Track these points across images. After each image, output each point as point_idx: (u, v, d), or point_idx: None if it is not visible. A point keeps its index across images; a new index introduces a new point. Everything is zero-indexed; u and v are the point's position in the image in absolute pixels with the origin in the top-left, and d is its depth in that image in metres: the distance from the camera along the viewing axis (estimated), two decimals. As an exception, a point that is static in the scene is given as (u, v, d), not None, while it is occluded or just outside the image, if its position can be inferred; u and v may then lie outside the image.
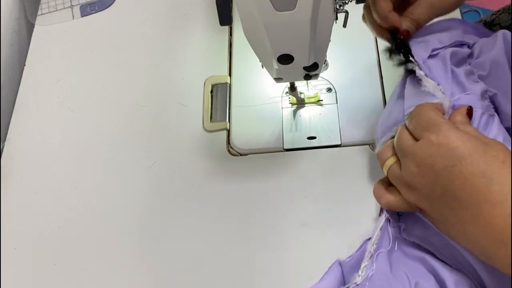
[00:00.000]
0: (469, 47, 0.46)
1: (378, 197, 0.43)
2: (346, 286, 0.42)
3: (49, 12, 0.73)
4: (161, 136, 0.61)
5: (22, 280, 0.55)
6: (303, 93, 0.59)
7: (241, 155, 0.58)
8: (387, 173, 0.42)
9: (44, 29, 0.72)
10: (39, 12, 0.74)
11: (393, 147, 0.41)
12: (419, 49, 0.43)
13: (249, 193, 0.55)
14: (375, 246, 0.43)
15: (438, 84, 0.41)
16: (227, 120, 0.60)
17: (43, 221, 0.57)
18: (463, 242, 0.36)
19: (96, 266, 0.54)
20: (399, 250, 0.43)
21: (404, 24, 0.44)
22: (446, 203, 0.35)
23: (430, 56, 0.43)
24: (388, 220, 0.44)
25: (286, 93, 0.60)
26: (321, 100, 0.59)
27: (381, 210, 0.46)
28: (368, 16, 0.47)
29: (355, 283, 0.41)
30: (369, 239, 0.44)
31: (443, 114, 0.40)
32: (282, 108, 0.59)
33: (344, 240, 0.50)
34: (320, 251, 0.50)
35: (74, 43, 0.70)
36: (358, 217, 0.51)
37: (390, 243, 0.43)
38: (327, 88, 0.60)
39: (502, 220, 0.32)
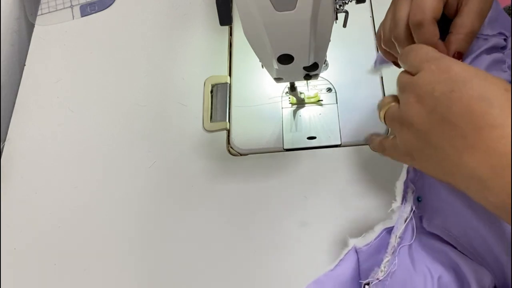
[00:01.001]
0: (505, 40, 0.45)
1: (371, 142, 0.43)
2: (367, 281, 0.40)
3: (49, 12, 0.73)
4: (161, 136, 0.61)
5: (22, 280, 0.55)
6: (303, 93, 0.59)
7: (241, 155, 0.58)
8: (384, 116, 0.40)
9: (44, 29, 0.72)
10: (39, 12, 0.74)
11: (393, 96, 0.40)
12: None
13: (249, 193, 0.55)
14: (399, 239, 0.41)
15: None
16: (227, 120, 0.60)
17: (43, 221, 0.57)
18: (458, 176, 0.33)
19: (96, 266, 0.54)
20: (419, 242, 0.42)
21: (455, 43, 0.41)
22: (442, 132, 0.33)
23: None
24: (413, 211, 0.42)
25: (286, 93, 0.60)
26: (321, 100, 0.59)
27: (403, 199, 0.43)
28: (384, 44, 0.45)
29: (377, 278, 0.40)
30: (389, 228, 0.42)
31: None
32: (282, 108, 0.59)
33: (344, 240, 0.50)
34: (320, 251, 0.50)
35: (74, 43, 0.70)
36: (358, 217, 0.51)
37: (413, 237, 0.41)
38: (327, 88, 0.60)
39: (502, 144, 0.30)
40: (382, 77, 0.59)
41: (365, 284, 0.40)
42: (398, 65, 0.46)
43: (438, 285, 0.39)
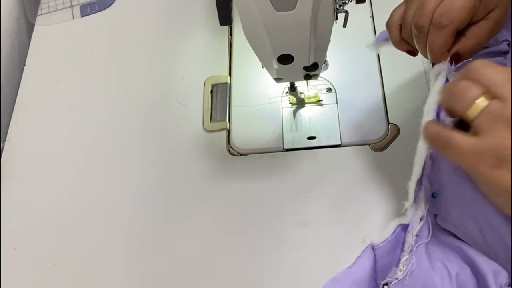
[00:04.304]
0: (508, 45, 0.45)
1: (441, 138, 0.35)
2: (387, 281, 0.39)
3: (49, 12, 0.73)
4: (161, 136, 0.61)
5: (22, 280, 0.55)
6: (303, 93, 0.59)
7: (241, 155, 0.58)
8: (478, 113, 0.34)
9: (44, 29, 0.72)
10: (39, 12, 0.74)
11: (480, 84, 0.34)
12: None
13: (249, 193, 0.55)
14: (415, 238, 0.40)
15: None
16: (227, 120, 0.60)
17: (43, 221, 0.57)
18: None
19: (96, 266, 0.54)
20: (434, 239, 0.41)
21: (461, 46, 0.40)
22: None
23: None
24: (427, 210, 0.41)
25: (286, 93, 0.60)
26: (321, 100, 0.59)
27: (416, 197, 0.42)
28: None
29: (396, 278, 0.39)
30: (403, 225, 0.41)
31: None
32: (282, 108, 0.59)
33: (344, 240, 0.50)
34: (320, 251, 0.50)
35: (74, 43, 0.70)
36: (358, 217, 0.51)
37: (429, 235, 0.40)
38: (327, 88, 0.60)
39: None
40: (382, 77, 0.59)
41: (383, 284, 0.40)
42: (413, 54, 0.45)
43: (456, 282, 0.38)
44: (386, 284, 0.39)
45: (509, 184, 0.33)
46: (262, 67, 0.48)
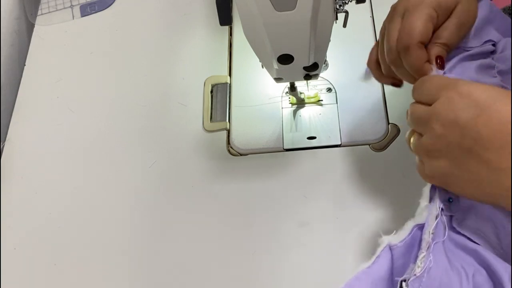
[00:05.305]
0: (494, 45, 0.45)
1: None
2: (404, 277, 0.39)
3: (49, 12, 0.73)
4: (161, 136, 0.61)
5: (22, 280, 0.55)
6: (303, 93, 0.59)
7: (241, 155, 0.58)
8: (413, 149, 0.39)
9: (44, 29, 0.72)
10: (39, 12, 0.74)
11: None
12: None
13: (249, 193, 0.55)
14: (432, 235, 0.40)
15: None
16: (227, 120, 0.60)
17: (43, 221, 0.57)
18: (499, 196, 0.34)
19: (95, 266, 0.54)
20: (451, 240, 0.42)
21: (435, 50, 0.42)
22: (477, 156, 0.33)
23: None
24: (441, 209, 0.42)
25: (286, 93, 0.60)
26: (321, 100, 0.59)
27: (431, 198, 0.43)
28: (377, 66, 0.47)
29: (414, 274, 0.39)
30: (420, 225, 0.42)
31: None
32: (282, 108, 0.59)
33: (344, 240, 0.50)
34: (320, 251, 0.50)
35: (74, 43, 0.70)
36: (358, 217, 0.51)
37: (445, 233, 0.40)
38: (327, 88, 0.60)
39: None
40: (382, 77, 0.59)
41: (402, 281, 0.40)
42: (397, 86, 0.47)
43: (473, 283, 0.38)
44: (404, 280, 0.39)
45: (460, 193, 0.37)
46: (262, 67, 0.48)
